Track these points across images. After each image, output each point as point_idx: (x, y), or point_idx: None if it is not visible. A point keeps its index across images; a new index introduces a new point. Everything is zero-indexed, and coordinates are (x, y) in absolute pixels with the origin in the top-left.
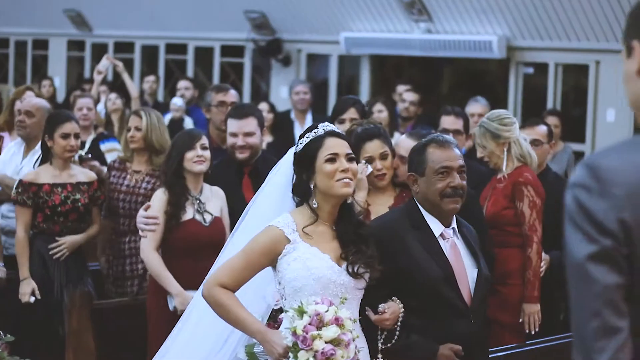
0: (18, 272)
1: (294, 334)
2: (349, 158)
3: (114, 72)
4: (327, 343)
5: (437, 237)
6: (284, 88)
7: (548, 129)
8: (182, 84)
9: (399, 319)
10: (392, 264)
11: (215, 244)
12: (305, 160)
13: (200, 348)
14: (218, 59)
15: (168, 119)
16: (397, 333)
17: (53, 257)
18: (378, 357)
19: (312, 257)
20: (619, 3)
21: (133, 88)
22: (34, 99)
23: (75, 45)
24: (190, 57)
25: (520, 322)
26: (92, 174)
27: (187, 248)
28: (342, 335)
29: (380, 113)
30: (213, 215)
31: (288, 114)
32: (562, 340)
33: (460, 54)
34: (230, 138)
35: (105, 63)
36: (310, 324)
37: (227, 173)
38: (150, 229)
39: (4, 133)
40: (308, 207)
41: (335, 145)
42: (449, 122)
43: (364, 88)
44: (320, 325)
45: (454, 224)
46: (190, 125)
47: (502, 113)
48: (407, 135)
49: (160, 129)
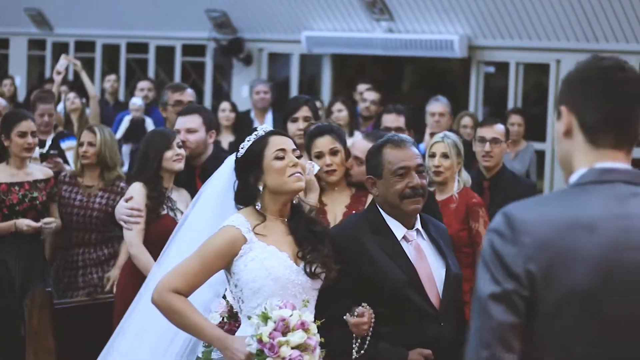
0: None
1: (260, 342)
2: (296, 155)
3: (75, 71)
4: (293, 349)
5: (399, 240)
6: (246, 87)
7: (505, 128)
8: (142, 84)
9: (371, 326)
10: (353, 272)
11: None
12: (251, 162)
13: (143, 349)
14: (179, 58)
15: (128, 120)
16: (368, 340)
17: (13, 257)
18: None
19: (269, 256)
20: (580, 2)
21: (91, 87)
22: None
23: (36, 44)
24: (152, 56)
25: None
26: (48, 171)
27: (162, 243)
28: (308, 340)
29: (340, 112)
30: (182, 213)
31: (248, 114)
32: None
33: (422, 53)
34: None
35: (64, 62)
36: (276, 330)
37: (178, 175)
38: (135, 221)
39: None
40: (253, 208)
41: (281, 142)
42: (390, 120)
43: (326, 87)
44: (286, 331)
45: (418, 225)
46: (151, 125)
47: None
48: (363, 137)
49: (113, 146)
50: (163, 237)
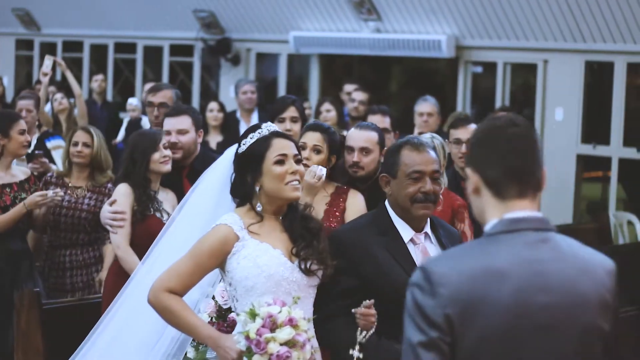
0: None
1: (247, 338)
2: (297, 159)
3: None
4: (281, 345)
5: (406, 242)
6: (233, 87)
7: None
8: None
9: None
10: (357, 273)
11: None
12: (251, 161)
13: (130, 345)
14: (167, 58)
15: (127, 121)
16: (371, 333)
17: (2, 257)
18: (355, 348)
19: (262, 253)
20: (567, 3)
21: (76, 86)
22: None
23: (24, 44)
24: (140, 56)
25: None
26: (26, 170)
27: (147, 244)
28: (297, 336)
29: (329, 112)
30: (169, 214)
31: (234, 114)
32: None
33: (409, 53)
34: (166, 137)
35: (49, 63)
36: (264, 327)
37: (165, 176)
38: (119, 225)
39: None
40: (251, 207)
41: (284, 147)
42: (376, 120)
43: (313, 87)
44: (274, 327)
45: (427, 229)
46: (148, 125)
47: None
48: (355, 127)
49: (105, 148)
50: (149, 237)
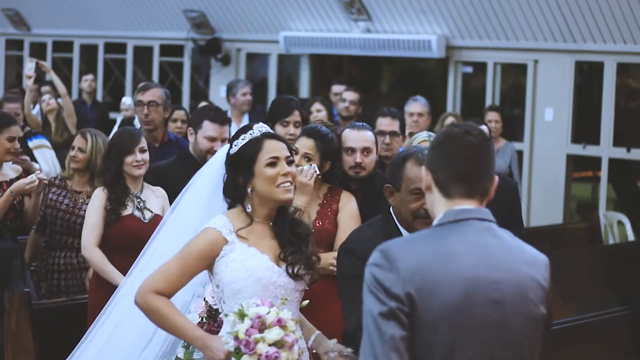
0: None
1: (236, 339)
2: (289, 161)
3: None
4: (270, 346)
5: None
6: (224, 87)
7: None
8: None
9: None
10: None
11: None
12: (243, 163)
13: (120, 349)
14: (157, 58)
15: (120, 120)
16: None
17: None
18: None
19: (250, 257)
20: (557, 3)
21: (61, 86)
22: None
23: (14, 45)
24: (130, 56)
25: None
26: (18, 168)
27: (125, 244)
28: (285, 337)
29: (319, 112)
30: (153, 213)
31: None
32: None
33: (400, 54)
34: (206, 142)
35: (31, 66)
36: (252, 327)
37: (188, 172)
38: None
39: None
40: (242, 209)
41: (276, 149)
42: (385, 123)
43: (304, 87)
44: (263, 328)
45: None
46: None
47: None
48: (349, 127)
49: (104, 155)
50: (126, 237)
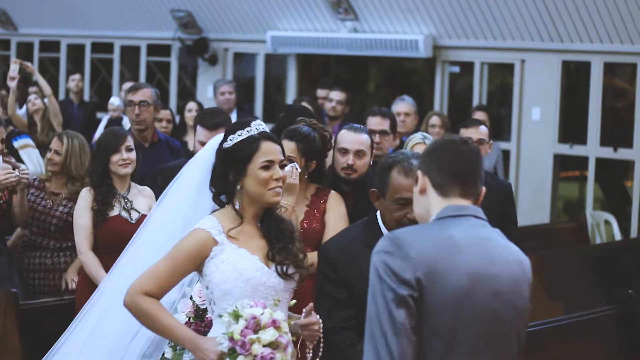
0: None
1: (231, 339)
2: (282, 165)
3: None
4: (265, 346)
5: None
6: (211, 87)
7: (487, 130)
8: (126, 85)
9: (321, 334)
10: (347, 287)
11: None
12: (236, 160)
13: (102, 347)
14: (144, 58)
15: (106, 119)
16: (321, 349)
17: None
18: None
19: (240, 258)
20: (544, 3)
21: (46, 86)
22: None
23: (1, 44)
24: (117, 56)
25: None
26: (7, 166)
27: (113, 244)
28: (280, 338)
29: None
30: (140, 213)
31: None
32: None
33: (387, 53)
34: (198, 146)
35: (15, 67)
36: (247, 328)
37: None
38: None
39: None
40: (232, 208)
41: (272, 152)
42: (375, 122)
43: (291, 87)
44: (257, 329)
45: None
46: (129, 124)
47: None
48: (346, 129)
49: (81, 157)
50: (113, 238)
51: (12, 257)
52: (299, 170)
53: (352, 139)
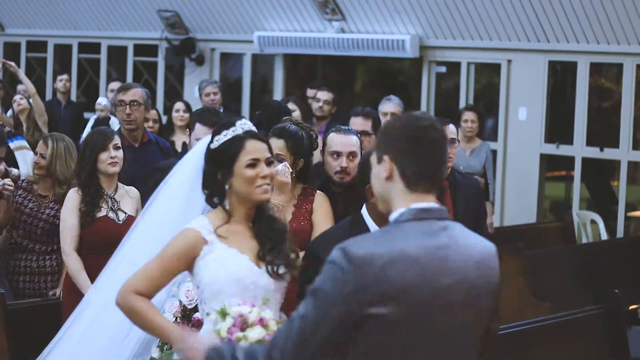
0: None
1: (218, 337)
2: (269, 162)
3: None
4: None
5: None
6: (198, 87)
7: (456, 129)
8: (113, 85)
9: None
10: None
11: None
12: (223, 160)
13: (95, 346)
14: (131, 58)
15: (94, 119)
16: None
17: None
18: None
19: (230, 257)
20: (530, 3)
21: (30, 85)
22: None
23: None
24: (104, 56)
25: None
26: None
27: (100, 245)
28: (267, 337)
29: (293, 112)
30: (127, 214)
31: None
32: None
33: (374, 53)
34: (195, 143)
35: None
36: (234, 326)
37: None
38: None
39: None
40: (222, 208)
41: (257, 150)
42: (357, 123)
43: (278, 87)
44: (245, 327)
45: None
46: (117, 124)
47: None
48: (334, 132)
49: (67, 160)
50: (100, 239)
51: None
52: (290, 170)
53: (343, 142)
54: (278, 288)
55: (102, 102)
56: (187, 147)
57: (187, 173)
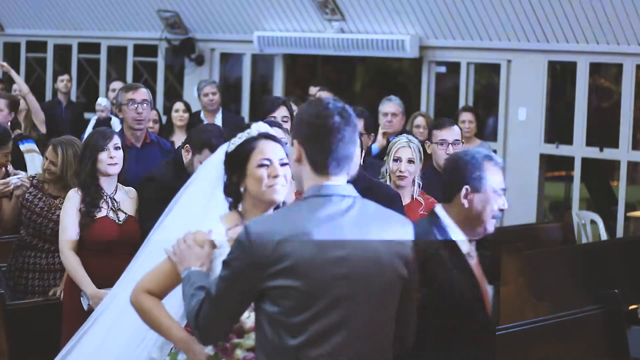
0: None
1: (215, 344)
2: (282, 163)
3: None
4: (248, 351)
5: (465, 254)
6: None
7: (460, 130)
8: (114, 85)
9: None
10: (435, 285)
11: (128, 242)
12: (237, 162)
13: (113, 348)
14: (131, 58)
15: (94, 120)
16: None
17: None
18: None
19: None
20: (530, 3)
21: (23, 85)
22: None
23: None
24: (103, 56)
25: None
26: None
27: (100, 245)
28: None
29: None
30: (127, 214)
31: (198, 114)
32: None
33: (373, 53)
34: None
35: None
36: (231, 332)
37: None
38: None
39: None
40: (236, 211)
41: (269, 150)
42: None
43: (278, 87)
44: (242, 333)
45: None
46: (118, 125)
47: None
48: None
49: (76, 165)
50: (100, 240)
51: None
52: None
53: None
54: None
55: (102, 102)
56: (182, 163)
57: (208, 176)
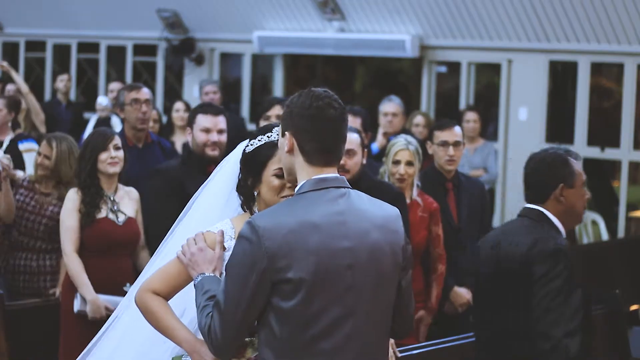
0: None
1: None
2: None
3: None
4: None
5: None
6: (197, 87)
7: (461, 131)
8: (113, 86)
9: None
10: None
11: (128, 243)
12: (254, 166)
13: (132, 348)
14: (130, 58)
15: (95, 119)
16: None
17: None
18: None
19: None
20: (531, 2)
21: (23, 84)
22: None
23: None
24: (103, 56)
25: None
26: None
27: (100, 246)
28: None
29: None
30: (127, 215)
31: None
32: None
33: (374, 53)
34: (202, 134)
35: None
36: None
37: (191, 172)
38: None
39: None
40: (249, 213)
41: None
42: None
43: (278, 87)
44: (252, 332)
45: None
46: (118, 124)
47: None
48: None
49: (70, 160)
50: (100, 240)
51: None
52: None
53: None
54: None
55: (102, 102)
56: (188, 147)
57: (227, 174)
